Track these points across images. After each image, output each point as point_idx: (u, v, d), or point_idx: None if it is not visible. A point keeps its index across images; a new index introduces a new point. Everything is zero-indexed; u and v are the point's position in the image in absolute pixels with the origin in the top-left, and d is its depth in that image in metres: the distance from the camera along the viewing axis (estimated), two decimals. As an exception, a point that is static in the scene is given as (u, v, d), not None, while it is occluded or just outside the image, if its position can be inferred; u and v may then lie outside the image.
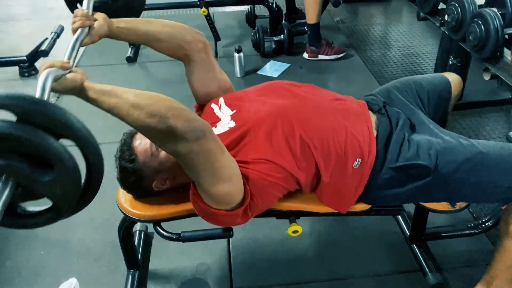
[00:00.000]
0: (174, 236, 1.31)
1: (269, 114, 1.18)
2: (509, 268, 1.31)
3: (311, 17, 2.98)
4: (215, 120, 1.26)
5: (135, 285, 1.55)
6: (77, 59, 1.07)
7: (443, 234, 1.67)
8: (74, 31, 1.15)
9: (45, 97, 0.85)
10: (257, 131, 1.15)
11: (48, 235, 1.81)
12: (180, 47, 1.29)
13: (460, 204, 1.32)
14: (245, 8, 3.61)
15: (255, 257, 1.69)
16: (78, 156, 0.77)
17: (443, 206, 1.33)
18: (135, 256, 1.57)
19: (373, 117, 1.30)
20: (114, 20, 1.23)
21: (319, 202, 1.29)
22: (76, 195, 0.80)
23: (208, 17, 3.15)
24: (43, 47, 3.04)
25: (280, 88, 1.31)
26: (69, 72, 0.96)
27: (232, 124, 1.20)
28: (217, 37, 3.27)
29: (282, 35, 3.14)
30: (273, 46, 3.21)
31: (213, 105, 1.32)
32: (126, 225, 1.41)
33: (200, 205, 1.11)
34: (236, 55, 2.87)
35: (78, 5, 1.27)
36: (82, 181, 0.80)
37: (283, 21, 3.57)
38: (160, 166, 1.21)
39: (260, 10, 3.57)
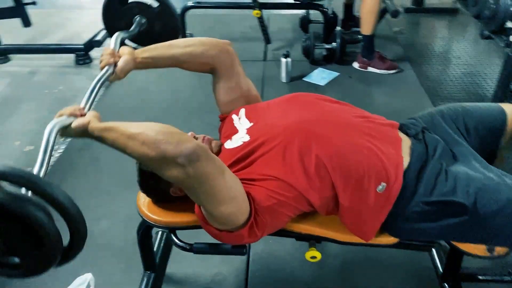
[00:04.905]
0: (187, 246, 1.28)
1: (286, 128, 1.12)
2: None
3: (366, 28, 2.86)
4: (233, 131, 1.22)
5: (149, 287, 1.54)
6: (97, 98, 1.15)
7: (480, 277, 1.52)
8: (101, 69, 1.21)
9: (49, 151, 0.93)
10: (271, 146, 1.09)
11: (74, 224, 1.84)
12: (204, 64, 1.30)
13: (499, 250, 1.19)
14: (301, 11, 3.54)
15: (273, 274, 1.63)
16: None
17: (480, 250, 1.20)
18: (152, 258, 1.56)
19: (407, 142, 1.20)
20: (138, 51, 1.25)
21: (341, 228, 1.21)
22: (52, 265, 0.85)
23: (261, 19, 3.11)
24: (98, 37, 3.14)
25: (304, 101, 1.24)
26: (80, 116, 1.04)
27: (247, 138, 1.16)
28: (267, 40, 3.23)
29: (334, 42, 3.04)
30: (324, 53, 3.12)
31: (233, 116, 1.29)
32: (144, 227, 1.40)
33: (204, 225, 1.09)
34: (283, 60, 2.81)
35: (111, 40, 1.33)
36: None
37: (337, 27, 3.47)
38: None
39: (316, 15, 3.48)
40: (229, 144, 1.20)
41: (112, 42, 1.32)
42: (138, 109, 2.65)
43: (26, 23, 3.03)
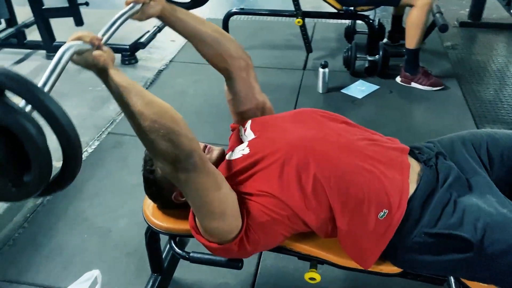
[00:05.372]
0: (184, 255, 1.27)
1: (286, 145, 1.08)
2: None
3: (410, 42, 2.74)
4: (238, 143, 1.21)
5: (154, 289, 1.55)
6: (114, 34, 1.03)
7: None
8: (127, 4, 1.13)
9: (58, 70, 0.83)
10: (270, 161, 1.07)
11: (94, 221, 1.90)
12: (221, 57, 1.25)
13: (513, 294, 1.08)
14: (347, 21, 3.47)
15: (280, 291, 1.59)
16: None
17: (491, 291, 1.10)
18: (159, 260, 1.57)
19: (416, 168, 1.12)
20: (172, 6, 1.20)
21: (342, 252, 1.15)
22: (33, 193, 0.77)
23: (303, 28, 3.07)
24: (142, 39, 3.24)
25: (310, 117, 1.20)
26: (96, 49, 0.93)
27: (247, 151, 1.13)
28: (309, 49, 3.18)
29: (378, 55, 2.94)
30: (366, 65, 3.02)
31: (240, 127, 1.27)
32: (150, 231, 1.41)
33: (194, 234, 1.08)
34: (320, 70, 2.75)
35: None
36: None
37: (385, 39, 3.37)
38: None
39: (362, 25, 3.38)
40: (230, 155, 1.19)
41: None
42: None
43: (78, 22, 3.17)
